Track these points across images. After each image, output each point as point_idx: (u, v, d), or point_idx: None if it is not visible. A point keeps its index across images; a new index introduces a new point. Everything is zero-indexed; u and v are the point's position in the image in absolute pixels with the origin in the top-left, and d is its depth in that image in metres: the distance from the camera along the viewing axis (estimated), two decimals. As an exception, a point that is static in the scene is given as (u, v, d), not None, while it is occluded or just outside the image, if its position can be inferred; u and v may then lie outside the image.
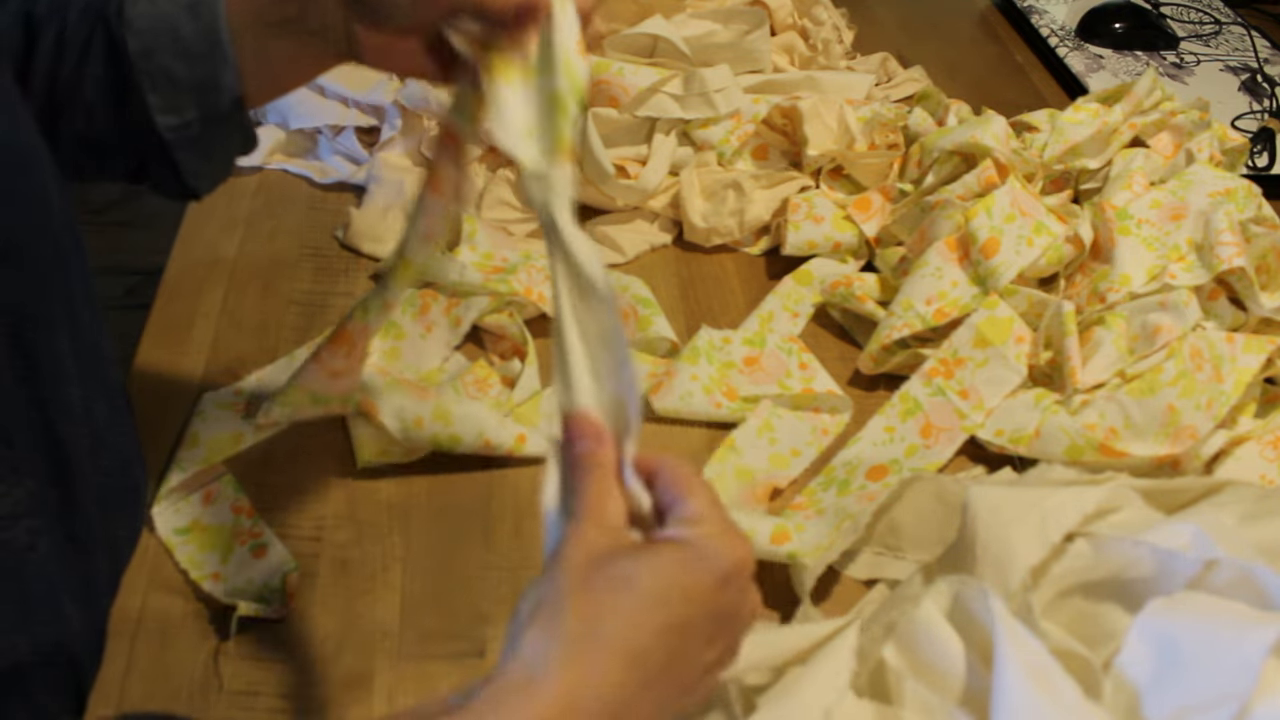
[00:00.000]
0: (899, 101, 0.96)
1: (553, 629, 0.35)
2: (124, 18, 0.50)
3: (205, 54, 0.51)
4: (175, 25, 0.51)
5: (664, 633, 0.36)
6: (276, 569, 0.58)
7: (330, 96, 0.89)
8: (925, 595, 0.47)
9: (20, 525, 0.40)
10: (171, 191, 0.56)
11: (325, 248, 0.80)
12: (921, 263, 0.73)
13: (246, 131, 0.55)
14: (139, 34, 0.50)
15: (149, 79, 0.51)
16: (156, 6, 0.51)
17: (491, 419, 0.64)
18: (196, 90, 0.52)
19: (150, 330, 0.71)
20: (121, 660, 0.53)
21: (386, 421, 0.62)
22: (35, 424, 0.41)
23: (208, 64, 0.51)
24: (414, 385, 0.65)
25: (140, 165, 0.54)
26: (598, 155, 0.80)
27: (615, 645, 0.35)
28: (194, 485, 0.62)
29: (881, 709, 0.46)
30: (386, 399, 0.62)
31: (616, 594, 0.35)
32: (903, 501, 0.58)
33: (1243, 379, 0.64)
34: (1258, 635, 0.41)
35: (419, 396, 0.63)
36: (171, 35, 0.51)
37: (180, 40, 0.51)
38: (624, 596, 0.35)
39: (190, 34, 0.51)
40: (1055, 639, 0.45)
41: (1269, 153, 0.99)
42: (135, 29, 0.50)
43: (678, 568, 0.37)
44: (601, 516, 0.38)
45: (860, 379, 0.73)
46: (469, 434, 0.63)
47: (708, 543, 0.38)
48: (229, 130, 0.54)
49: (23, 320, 0.40)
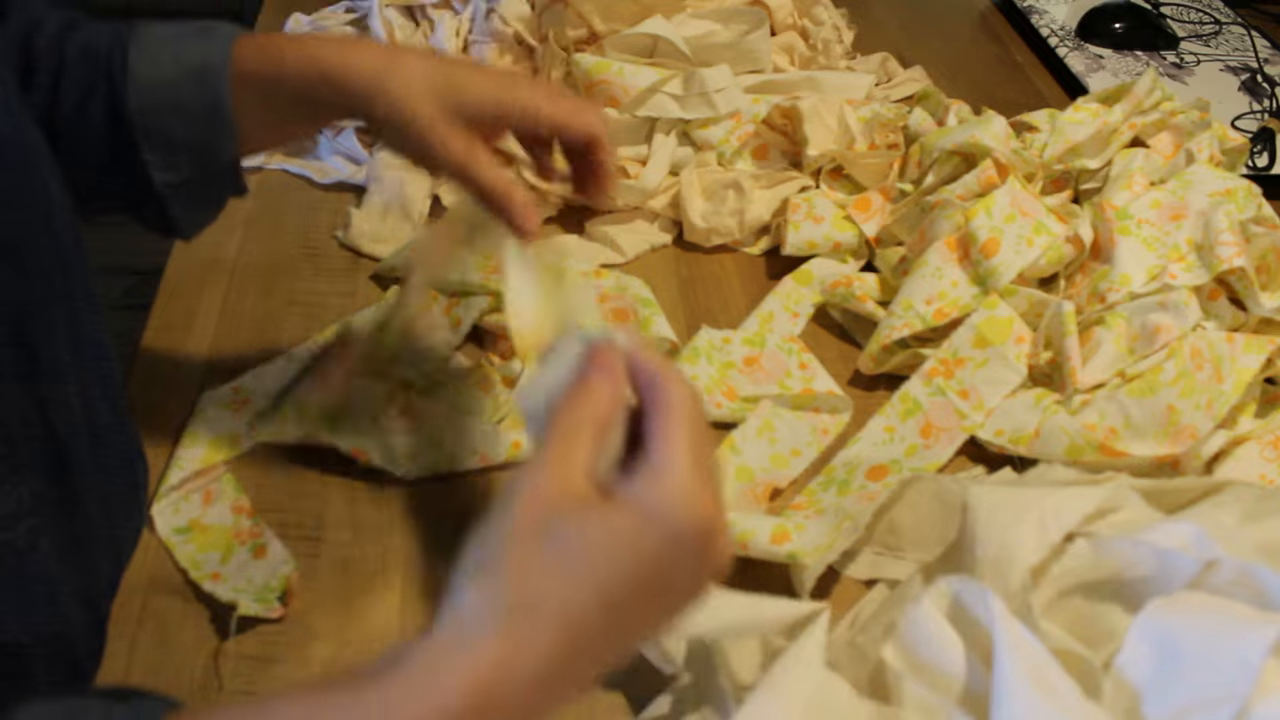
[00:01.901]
0: (899, 101, 0.96)
1: (491, 594, 0.34)
2: (128, 73, 0.50)
3: (206, 121, 0.51)
4: (178, 90, 0.50)
5: (603, 599, 0.35)
6: (276, 569, 0.58)
7: (330, 96, 0.89)
8: (925, 595, 0.47)
9: (21, 525, 0.40)
10: (157, 230, 0.55)
11: (325, 248, 0.80)
12: (921, 263, 0.73)
13: (239, 184, 0.55)
14: (141, 92, 0.50)
15: (147, 137, 0.50)
16: (160, 69, 0.50)
17: (484, 434, 0.64)
18: (195, 152, 0.51)
19: (150, 330, 0.71)
20: (121, 660, 0.53)
21: (380, 463, 0.62)
22: (35, 424, 0.41)
23: (208, 129, 0.51)
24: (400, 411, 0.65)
25: (127, 204, 0.54)
26: (598, 155, 0.80)
27: (552, 615, 0.34)
28: (194, 485, 0.62)
29: (881, 709, 0.46)
30: (373, 440, 0.63)
31: (557, 560, 0.35)
32: (903, 501, 0.58)
33: (1243, 379, 0.64)
34: (1258, 635, 0.41)
35: (407, 429, 0.64)
36: (173, 100, 0.50)
37: (182, 105, 0.50)
38: (564, 563, 0.35)
39: (193, 99, 0.50)
40: (1055, 639, 0.45)
41: (1269, 153, 0.99)
42: (138, 86, 0.50)
43: (623, 533, 0.35)
44: (564, 458, 0.37)
45: (860, 379, 0.73)
46: (463, 453, 0.63)
47: (662, 502, 0.36)
48: (222, 185, 0.54)
49: (24, 320, 0.40)
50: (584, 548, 0.35)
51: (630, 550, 0.35)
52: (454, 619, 0.34)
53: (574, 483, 0.36)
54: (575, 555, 0.35)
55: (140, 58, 0.50)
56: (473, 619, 0.34)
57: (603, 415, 0.38)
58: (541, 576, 0.34)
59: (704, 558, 0.37)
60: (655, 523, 0.36)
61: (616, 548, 0.35)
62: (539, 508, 0.36)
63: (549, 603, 0.34)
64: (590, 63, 0.83)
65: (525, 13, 0.89)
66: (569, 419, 0.38)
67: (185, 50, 0.50)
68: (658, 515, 0.36)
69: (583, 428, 0.37)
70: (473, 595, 0.35)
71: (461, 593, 0.35)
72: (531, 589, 0.34)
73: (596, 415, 0.38)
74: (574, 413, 0.38)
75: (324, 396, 0.63)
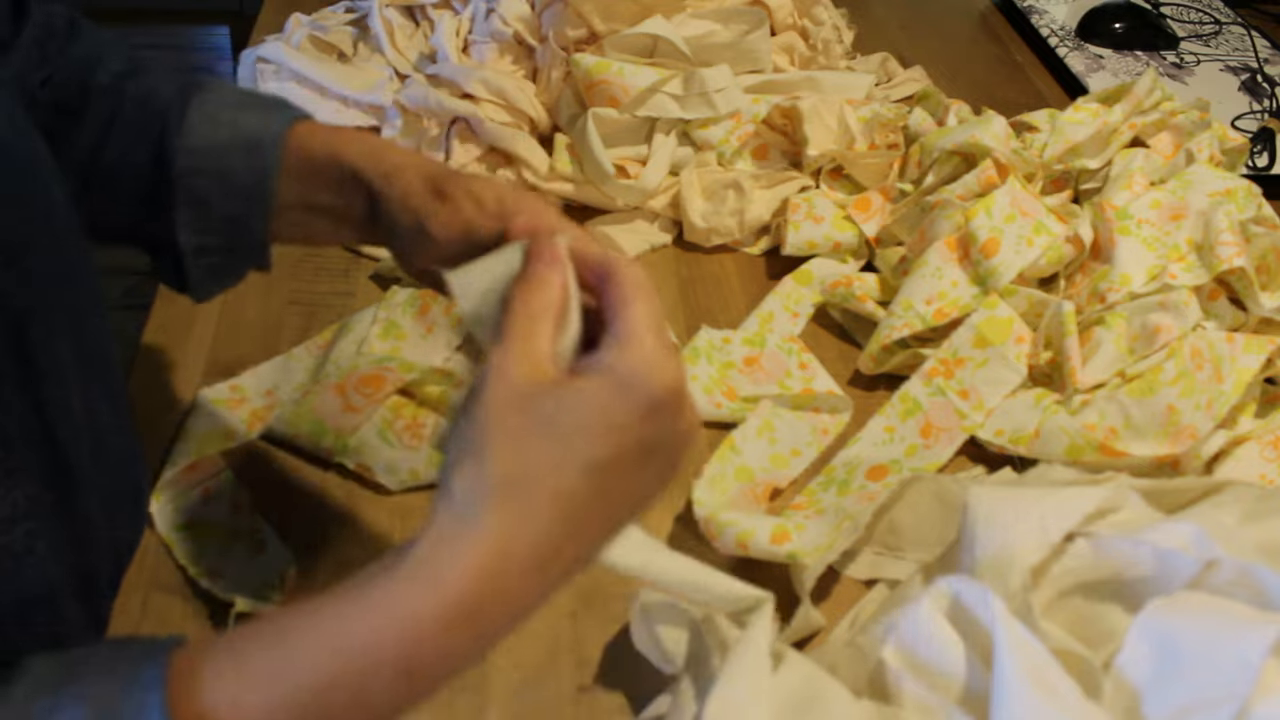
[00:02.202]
0: (899, 101, 0.96)
1: (478, 476, 0.35)
2: (184, 126, 0.49)
3: (248, 194, 0.50)
4: (228, 156, 0.50)
5: (589, 471, 0.35)
6: (275, 566, 0.58)
7: (330, 96, 0.89)
8: (925, 595, 0.47)
9: (18, 528, 0.40)
10: (170, 285, 0.55)
11: (325, 248, 0.80)
12: (921, 263, 0.73)
13: (264, 261, 0.54)
14: (190, 152, 0.50)
15: (185, 195, 0.50)
16: (217, 131, 0.50)
17: None
18: (228, 222, 0.51)
19: (150, 330, 0.71)
20: (121, 660, 0.53)
21: (383, 481, 0.62)
22: (34, 428, 0.41)
23: (247, 204, 0.51)
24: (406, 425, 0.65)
25: (148, 252, 0.53)
26: (598, 155, 0.80)
27: (541, 489, 0.35)
28: (193, 481, 0.62)
29: (881, 709, 0.46)
30: (378, 458, 0.63)
31: (538, 436, 0.35)
32: (903, 501, 0.58)
33: (1243, 379, 0.64)
34: (1258, 635, 0.41)
35: (410, 445, 0.64)
36: (221, 165, 0.50)
37: (228, 172, 0.50)
38: (546, 439, 0.35)
39: (240, 169, 0.50)
40: (1055, 639, 0.45)
41: (1269, 153, 0.99)
42: (189, 144, 0.49)
43: (599, 403, 0.36)
44: (527, 345, 0.37)
45: (860, 379, 0.73)
46: None
47: (634, 369, 0.36)
48: (246, 260, 0.54)
49: (24, 325, 0.40)
50: (563, 421, 0.35)
51: (607, 419, 0.36)
52: (446, 507, 0.35)
53: (541, 367, 0.37)
54: (556, 428, 0.35)
55: (200, 115, 0.50)
56: (464, 501, 0.35)
57: (557, 301, 0.38)
58: (527, 450, 0.35)
59: (677, 421, 0.38)
60: (629, 390, 0.36)
61: (594, 418, 0.35)
62: (512, 390, 0.36)
63: (537, 475, 0.35)
64: (590, 63, 0.83)
65: (525, 13, 0.89)
66: (525, 308, 0.38)
67: (245, 118, 0.50)
68: (630, 383, 0.36)
69: (543, 315, 0.38)
70: (461, 479, 0.35)
71: (449, 482, 0.35)
72: (519, 462, 0.35)
73: (551, 301, 0.38)
74: (530, 302, 0.38)
75: (343, 421, 0.64)
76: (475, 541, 0.34)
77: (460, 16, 0.93)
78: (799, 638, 0.56)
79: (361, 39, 0.96)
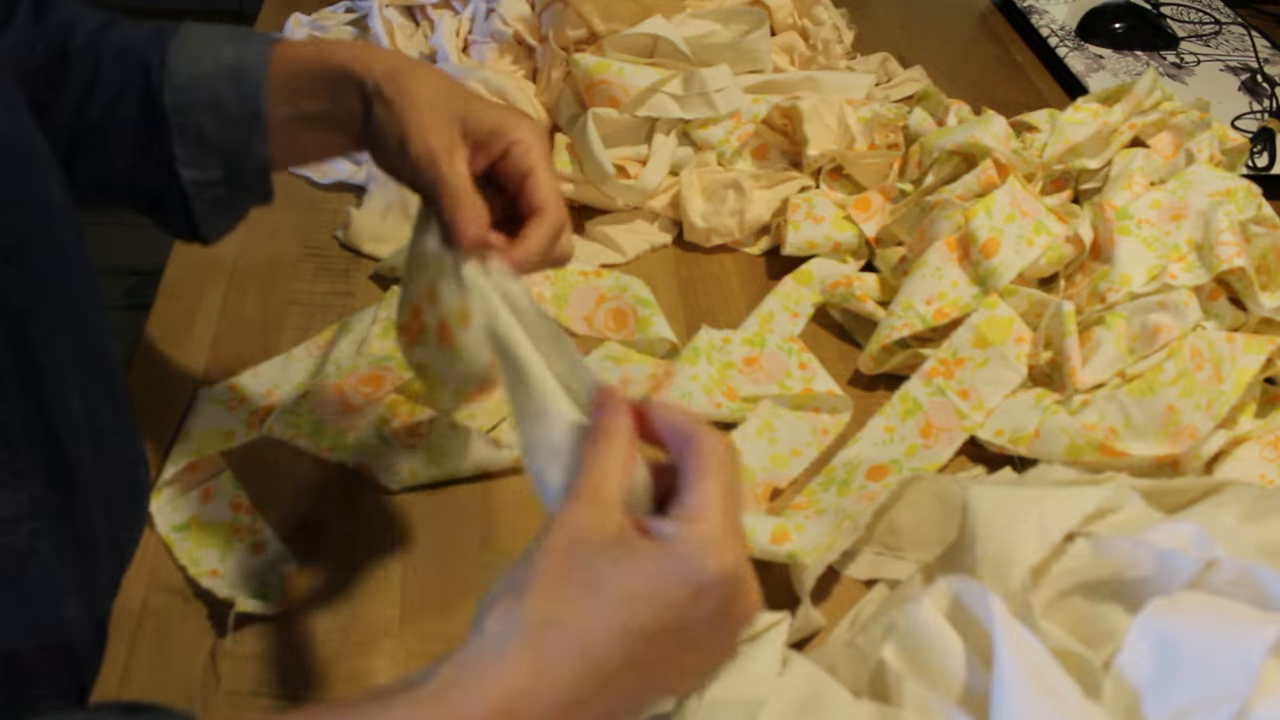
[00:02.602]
0: (899, 101, 0.96)
1: (514, 612, 0.35)
2: (166, 67, 0.50)
3: (241, 120, 0.51)
4: (216, 87, 0.50)
5: (624, 637, 0.35)
6: (275, 566, 0.58)
7: (330, 96, 0.89)
8: (925, 595, 0.47)
9: (22, 528, 0.40)
10: (179, 234, 0.55)
11: (325, 248, 0.80)
12: (921, 263, 0.73)
13: (266, 192, 0.55)
14: (178, 89, 0.50)
15: (180, 133, 0.51)
16: (199, 65, 0.50)
17: (485, 447, 0.64)
18: (226, 153, 0.52)
19: (150, 330, 0.71)
20: (121, 659, 0.53)
21: (382, 480, 0.62)
22: (36, 427, 0.41)
23: (241, 130, 0.51)
24: (403, 423, 0.65)
25: (152, 205, 0.54)
26: (597, 155, 0.80)
27: (572, 641, 0.35)
28: (193, 481, 0.62)
29: (881, 709, 0.46)
30: (378, 458, 0.63)
31: (581, 589, 0.35)
32: (903, 501, 0.58)
33: (1243, 379, 0.64)
34: (1258, 635, 0.41)
35: (408, 443, 0.64)
36: (210, 96, 0.50)
37: (218, 103, 0.50)
38: (590, 597, 0.35)
39: (230, 98, 0.50)
40: (1055, 639, 0.45)
41: (1269, 153, 0.99)
42: (175, 83, 0.50)
43: (649, 572, 0.36)
44: (596, 496, 0.37)
45: (860, 379, 0.73)
46: (465, 466, 0.63)
47: (692, 549, 0.36)
48: (249, 191, 0.54)
49: (25, 324, 0.40)
50: (611, 582, 0.35)
51: (653, 590, 0.36)
52: (480, 638, 0.35)
53: (611, 514, 0.37)
54: (601, 587, 0.35)
55: (179, 54, 0.50)
56: (497, 636, 0.35)
57: (626, 452, 0.38)
58: (566, 599, 0.35)
59: (728, 611, 0.38)
60: (682, 568, 0.36)
61: (641, 587, 0.36)
62: (573, 534, 0.36)
63: (570, 626, 0.35)
64: (590, 63, 0.83)
65: (525, 13, 0.89)
66: (595, 458, 0.38)
67: (224, 50, 0.51)
68: (686, 561, 0.36)
69: (611, 464, 0.38)
70: (498, 615, 0.35)
71: (485, 615, 0.36)
72: (555, 609, 0.35)
73: (620, 451, 0.38)
74: (599, 451, 0.38)
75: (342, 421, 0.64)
76: (500, 677, 0.34)
77: (460, 16, 0.93)
78: (799, 638, 0.56)
79: (361, 39, 0.96)
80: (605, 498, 0.37)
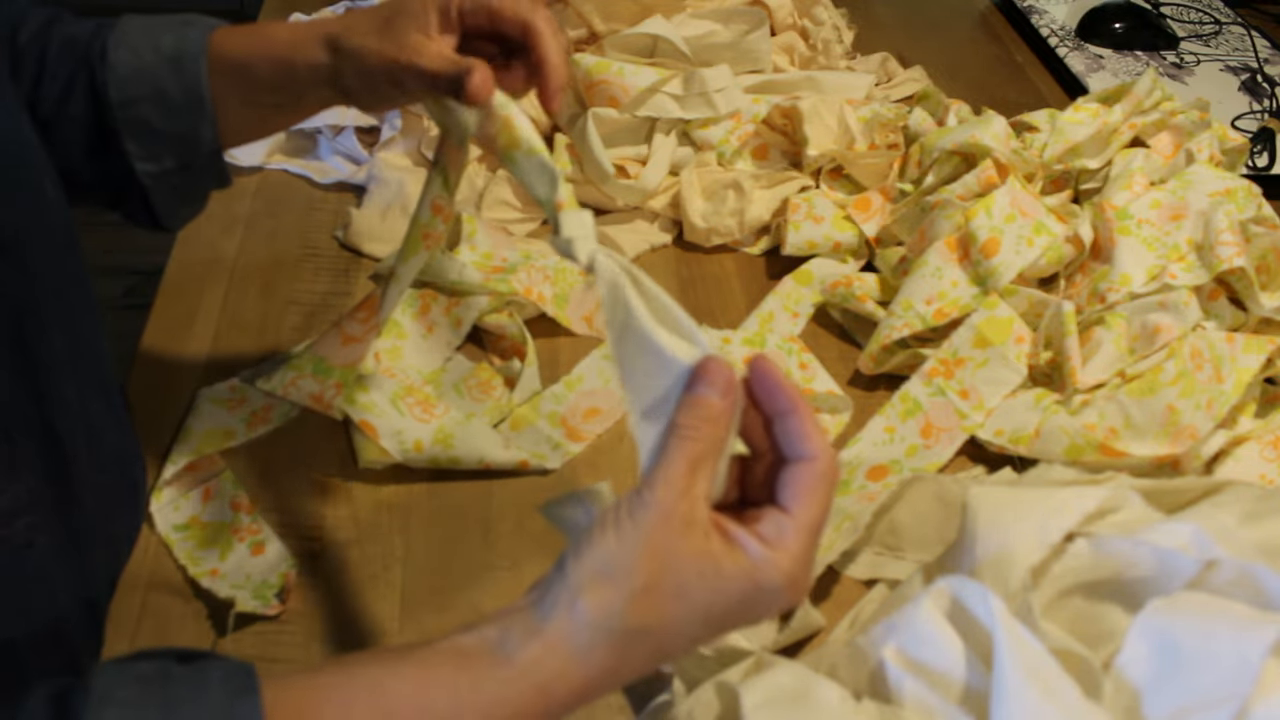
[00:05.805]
0: (899, 101, 0.96)
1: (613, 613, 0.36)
2: (107, 62, 0.50)
3: (186, 108, 0.51)
4: (157, 78, 0.51)
5: (690, 643, 0.38)
6: (275, 566, 0.58)
7: (330, 96, 0.89)
8: (925, 595, 0.47)
9: (19, 522, 0.40)
10: (143, 223, 0.56)
11: (325, 248, 0.80)
12: (921, 263, 0.73)
13: (222, 175, 0.55)
14: (121, 82, 0.50)
15: (128, 127, 0.51)
16: (140, 58, 0.51)
17: (493, 443, 0.64)
18: (175, 141, 0.52)
19: (150, 330, 0.71)
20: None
21: (386, 444, 0.62)
22: (33, 420, 0.41)
23: (188, 118, 0.52)
24: (417, 401, 0.65)
25: (113, 199, 0.54)
26: (598, 155, 0.80)
27: (653, 650, 0.37)
28: (193, 481, 0.62)
29: (881, 709, 0.46)
30: (386, 421, 0.63)
31: (670, 601, 0.36)
32: (903, 501, 0.58)
33: (1243, 379, 0.64)
34: (1258, 635, 0.41)
35: (420, 418, 0.64)
36: (153, 87, 0.51)
37: (162, 93, 0.51)
38: (675, 604, 0.36)
39: (172, 88, 0.51)
40: (1055, 639, 0.45)
41: (1269, 153, 0.99)
42: (117, 76, 0.50)
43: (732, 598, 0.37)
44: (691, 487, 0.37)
45: (860, 379, 0.73)
46: (469, 458, 0.63)
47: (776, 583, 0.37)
48: (205, 176, 0.55)
49: (21, 316, 0.40)
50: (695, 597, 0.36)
51: (728, 604, 0.37)
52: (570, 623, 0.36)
53: (697, 508, 0.37)
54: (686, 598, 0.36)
55: (119, 48, 0.51)
56: (589, 635, 0.36)
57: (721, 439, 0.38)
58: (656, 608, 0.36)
59: (775, 607, 0.39)
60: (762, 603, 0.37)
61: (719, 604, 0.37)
62: (667, 531, 0.36)
63: (655, 634, 0.37)
64: (590, 63, 0.83)
65: (525, 13, 0.89)
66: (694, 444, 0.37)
67: (163, 40, 0.51)
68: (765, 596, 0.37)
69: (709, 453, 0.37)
70: (593, 607, 0.36)
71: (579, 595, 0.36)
72: (648, 618, 0.36)
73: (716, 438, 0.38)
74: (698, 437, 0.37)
75: (346, 355, 0.63)
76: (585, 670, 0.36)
77: (460, 16, 0.93)
78: (799, 638, 0.56)
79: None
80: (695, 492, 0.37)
